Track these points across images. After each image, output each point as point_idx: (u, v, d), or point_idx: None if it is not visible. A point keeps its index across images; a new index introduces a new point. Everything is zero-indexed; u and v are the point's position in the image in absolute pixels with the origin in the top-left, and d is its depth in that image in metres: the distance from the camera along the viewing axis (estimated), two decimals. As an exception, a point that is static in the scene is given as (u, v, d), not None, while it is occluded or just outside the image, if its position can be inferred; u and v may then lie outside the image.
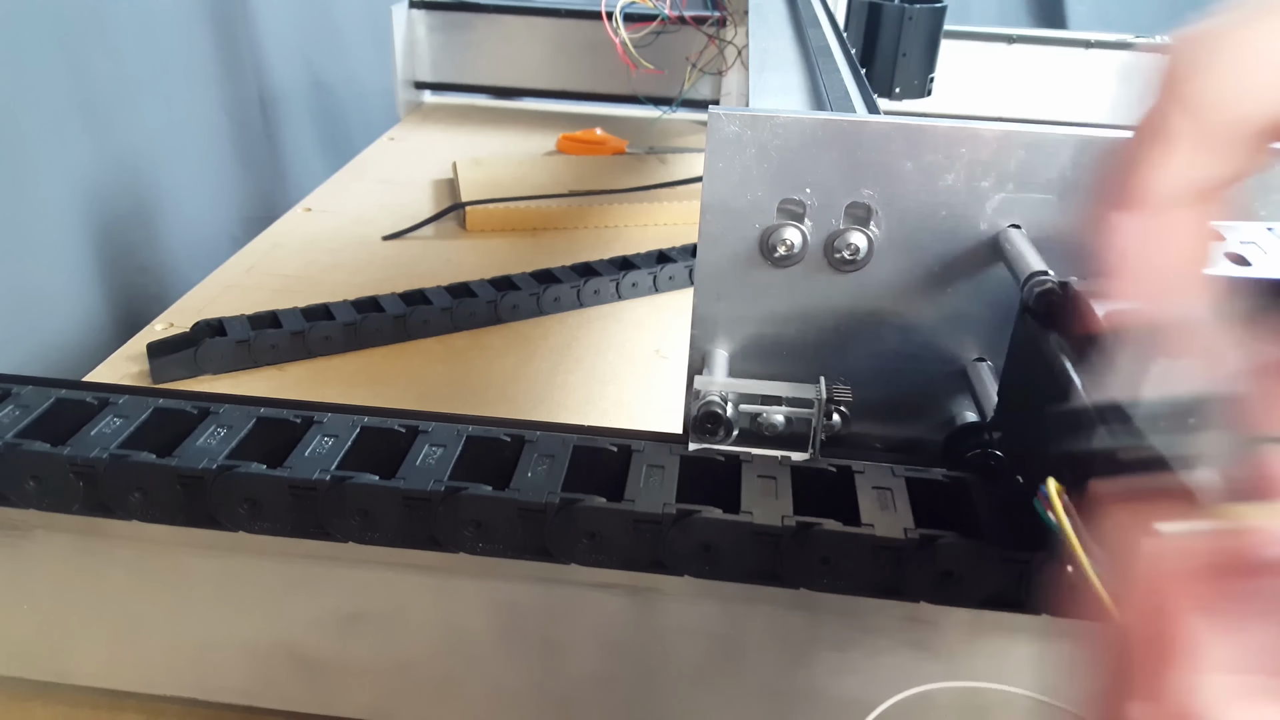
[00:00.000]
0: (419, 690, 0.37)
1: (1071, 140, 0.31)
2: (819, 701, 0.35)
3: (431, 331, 0.64)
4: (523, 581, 0.34)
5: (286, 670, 0.38)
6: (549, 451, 0.33)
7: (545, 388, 0.59)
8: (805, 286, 0.34)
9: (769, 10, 0.62)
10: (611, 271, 0.70)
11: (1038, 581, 0.29)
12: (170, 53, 0.97)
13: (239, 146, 1.09)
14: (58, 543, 0.36)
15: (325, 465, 0.32)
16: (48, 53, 0.79)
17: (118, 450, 0.33)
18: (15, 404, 0.35)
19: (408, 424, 0.34)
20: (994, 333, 0.34)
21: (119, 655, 0.38)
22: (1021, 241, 0.32)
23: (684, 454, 0.33)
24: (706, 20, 0.93)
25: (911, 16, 0.77)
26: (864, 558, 0.30)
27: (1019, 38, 1.09)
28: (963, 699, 0.34)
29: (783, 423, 0.34)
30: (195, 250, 0.97)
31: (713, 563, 0.31)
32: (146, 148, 0.92)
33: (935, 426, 0.36)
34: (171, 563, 0.36)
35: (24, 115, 0.77)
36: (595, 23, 1.04)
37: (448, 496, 0.31)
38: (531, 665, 0.36)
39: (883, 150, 0.32)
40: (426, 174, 0.94)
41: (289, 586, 0.36)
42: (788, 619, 0.34)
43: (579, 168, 0.96)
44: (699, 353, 0.36)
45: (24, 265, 0.79)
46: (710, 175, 0.32)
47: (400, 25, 1.09)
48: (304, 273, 0.73)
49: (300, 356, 0.60)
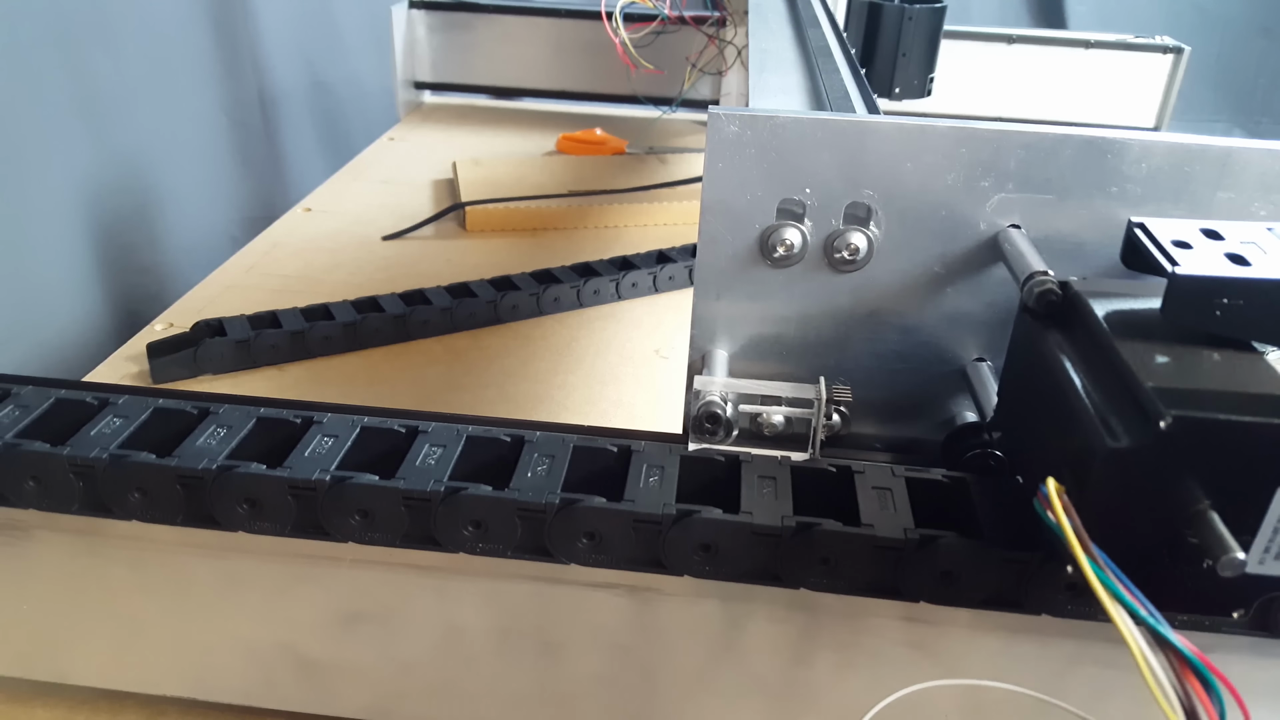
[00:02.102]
0: (419, 690, 0.37)
1: (1071, 140, 0.31)
2: (819, 701, 0.35)
3: (431, 331, 0.64)
4: (523, 581, 0.34)
5: (286, 670, 0.38)
6: (549, 451, 0.33)
7: (545, 388, 0.59)
8: (805, 286, 0.34)
9: (769, 10, 0.62)
10: (611, 271, 0.70)
11: (1037, 581, 0.30)
12: (170, 53, 0.97)
13: (239, 146, 1.09)
14: (58, 543, 0.36)
15: (325, 465, 0.32)
16: (48, 53, 0.79)
17: (117, 450, 0.33)
18: (15, 404, 0.35)
19: (408, 424, 0.34)
20: (994, 333, 0.34)
21: (119, 655, 0.38)
22: (1021, 241, 0.32)
23: (684, 454, 0.33)
24: (706, 20, 0.93)
25: (911, 16, 0.77)
26: (864, 558, 0.30)
27: (1019, 38, 1.09)
28: (963, 699, 0.34)
29: (783, 423, 0.34)
30: (195, 250, 0.97)
31: (713, 563, 0.31)
32: (146, 148, 0.92)
33: (935, 426, 0.36)
34: (171, 563, 0.36)
35: (24, 115, 0.77)
36: (595, 23, 1.04)
37: (448, 496, 0.31)
38: (531, 665, 0.36)
39: (883, 150, 0.32)
40: (426, 174, 0.94)
41: (289, 586, 0.36)
42: (788, 619, 0.34)
43: (579, 168, 0.96)
44: (699, 353, 0.36)
45: (24, 265, 0.79)
46: (710, 175, 0.32)
47: (400, 25, 1.09)
48: (304, 273, 0.73)
49: (300, 356, 0.60)
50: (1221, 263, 0.25)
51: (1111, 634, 0.22)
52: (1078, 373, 0.26)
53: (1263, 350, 0.25)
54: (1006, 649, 0.33)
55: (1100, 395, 0.25)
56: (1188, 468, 0.23)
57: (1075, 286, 0.28)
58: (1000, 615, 0.31)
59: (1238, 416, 0.22)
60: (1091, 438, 0.24)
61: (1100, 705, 0.33)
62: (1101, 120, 1.09)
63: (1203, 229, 0.27)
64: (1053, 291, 0.28)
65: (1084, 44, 1.08)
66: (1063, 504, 0.24)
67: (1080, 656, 0.33)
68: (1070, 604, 0.30)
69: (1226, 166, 0.31)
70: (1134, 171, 0.31)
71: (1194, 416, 0.22)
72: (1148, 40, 1.09)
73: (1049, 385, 0.27)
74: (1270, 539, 0.23)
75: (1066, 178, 0.32)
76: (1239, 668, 0.23)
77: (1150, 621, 0.22)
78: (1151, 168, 0.31)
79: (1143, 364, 0.24)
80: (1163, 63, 1.08)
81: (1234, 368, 0.24)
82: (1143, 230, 0.27)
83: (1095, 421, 0.24)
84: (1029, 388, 0.30)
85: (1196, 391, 0.23)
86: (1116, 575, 0.23)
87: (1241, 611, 0.25)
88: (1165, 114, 1.09)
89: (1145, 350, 0.25)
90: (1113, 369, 0.25)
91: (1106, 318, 0.27)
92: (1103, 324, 0.26)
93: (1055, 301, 0.28)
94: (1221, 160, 0.31)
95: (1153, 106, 1.09)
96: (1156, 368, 0.24)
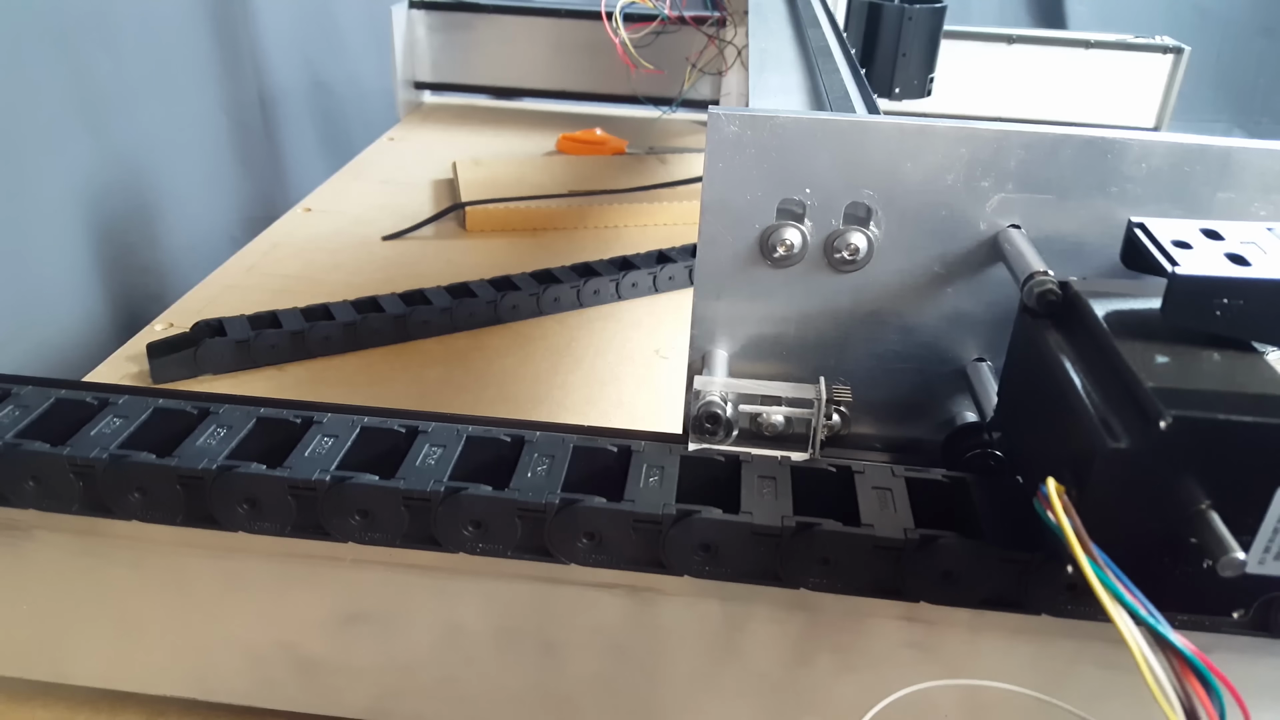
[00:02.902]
0: (419, 690, 0.37)
1: (1071, 140, 0.31)
2: (819, 701, 0.35)
3: (431, 332, 0.64)
4: (523, 581, 0.34)
5: (286, 670, 0.38)
6: (549, 451, 0.33)
7: (545, 388, 0.59)
8: (805, 286, 0.34)
9: (769, 10, 0.62)
10: (611, 271, 0.70)
11: (1037, 581, 0.29)
12: (170, 53, 0.97)
13: (239, 146, 1.09)
14: (58, 543, 0.36)
15: (325, 465, 0.32)
16: (48, 53, 0.79)
17: (117, 450, 0.33)
18: (15, 404, 0.35)
19: (408, 424, 0.34)
20: (994, 333, 0.34)
21: (119, 655, 0.38)
22: (1021, 241, 0.32)
23: (684, 454, 0.33)
24: (706, 20, 0.93)
25: (911, 16, 0.77)
26: (864, 558, 0.30)
27: (1019, 38, 1.09)
28: (963, 699, 0.34)
29: (783, 423, 0.34)
30: (195, 250, 0.97)
31: (713, 563, 0.31)
32: (146, 148, 0.92)
33: (935, 426, 0.36)
34: (171, 563, 0.36)
35: (24, 115, 0.77)
36: (595, 23, 1.04)
37: (448, 496, 0.31)
38: (531, 665, 0.36)
39: (883, 150, 0.32)
40: (426, 174, 0.94)
41: (289, 586, 0.36)
42: (788, 619, 0.34)
43: (579, 168, 0.96)
44: (699, 353, 0.36)
45: (24, 265, 0.79)
46: (710, 175, 0.32)
47: (400, 25, 1.09)
48: (304, 273, 0.73)
49: (300, 356, 0.60)
50: (1221, 263, 0.25)
51: (1111, 634, 0.22)
52: (1078, 373, 0.26)
53: (1263, 350, 0.25)
54: (1006, 649, 0.33)
55: (1100, 395, 0.25)
56: (1188, 468, 0.23)
57: (1075, 286, 0.28)
58: (1000, 615, 0.31)
59: (1238, 416, 0.22)
60: (1092, 438, 0.24)
61: (1100, 705, 0.33)
62: (1101, 120, 1.09)
63: (1203, 229, 0.27)
64: (1053, 291, 0.28)
65: (1084, 44, 1.08)
66: (1063, 504, 0.24)
67: (1080, 656, 0.33)
68: (1070, 604, 0.30)
69: (1226, 166, 0.31)
70: (1134, 171, 0.31)
71: (1194, 416, 0.22)
72: (1148, 40, 1.09)
73: (1049, 385, 0.27)
74: (1270, 539, 0.23)
75: (1066, 178, 0.32)
76: (1239, 668, 0.23)
77: (1150, 621, 0.22)
78: (1151, 168, 0.31)
79: (1143, 364, 0.24)
80: (1163, 63, 1.08)
81: (1234, 368, 0.24)
82: (1143, 230, 0.27)
83: (1095, 421, 0.24)
84: (1029, 388, 0.30)
85: (1196, 391, 0.23)
86: (1116, 575, 0.23)
87: (1241, 611, 0.25)
88: (1165, 114, 1.09)
89: (1145, 350, 0.25)
90: (1113, 369, 0.25)
91: (1106, 318, 0.27)
92: (1103, 324, 0.26)
93: (1055, 301, 0.28)
94: (1221, 160, 0.31)
95: (1153, 106, 1.09)
96: (1156, 368, 0.24)
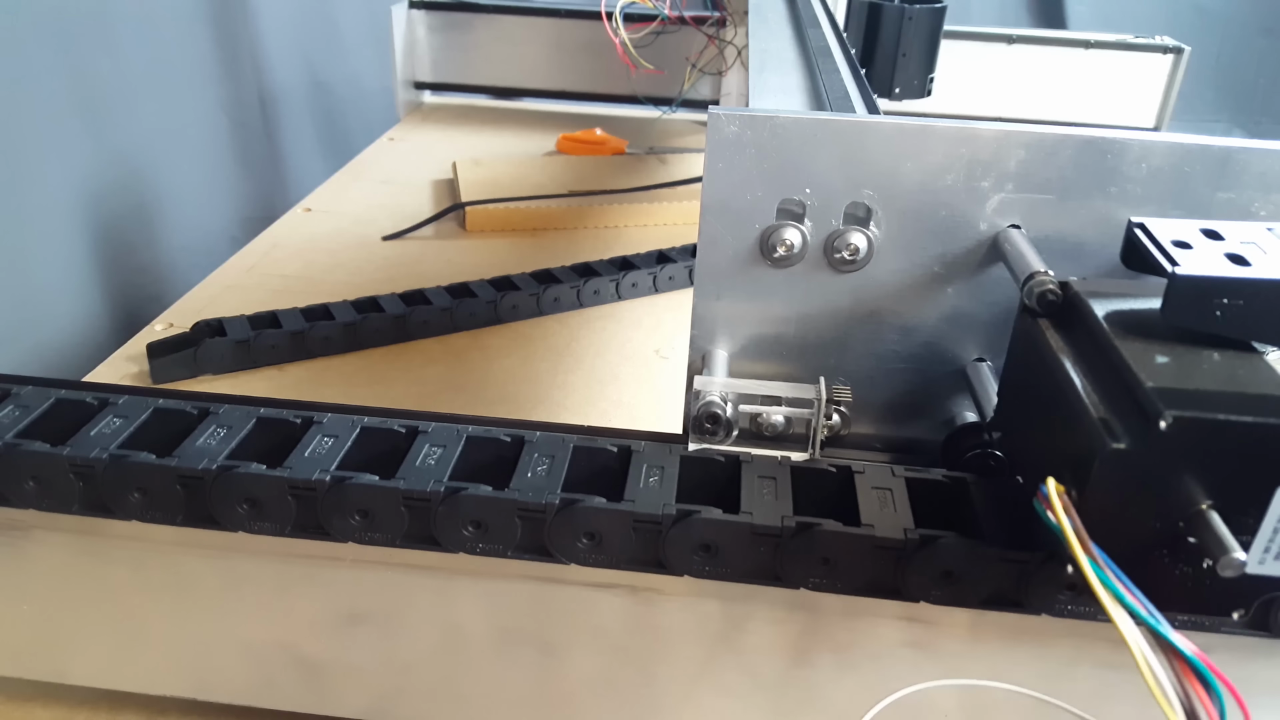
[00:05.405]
0: (419, 690, 0.37)
1: (1071, 140, 0.31)
2: (819, 701, 0.35)
3: (431, 332, 0.64)
4: (523, 581, 0.34)
5: (287, 670, 0.38)
6: (549, 451, 0.33)
7: (545, 388, 0.59)
8: (805, 287, 0.34)
9: (769, 10, 0.62)
10: (611, 272, 0.70)
11: (1037, 581, 0.29)
12: (170, 52, 0.97)
13: (239, 146, 1.09)
14: (58, 543, 0.36)
15: (325, 465, 0.32)
16: (48, 53, 0.79)
17: (117, 450, 0.33)
18: (15, 404, 0.35)
19: (408, 424, 0.34)
20: (994, 333, 0.34)
21: (119, 655, 0.38)
22: (1021, 241, 0.32)
23: (684, 454, 0.33)
24: (706, 20, 0.93)
25: (911, 16, 0.77)
26: (864, 558, 0.30)
27: (1019, 38, 1.09)
28: (963, 699, 0.34)
29: (783, 423, 0.34)
30: (195, 250, 0.97)
31: (713, 563, 0.31)
32: (146, 148, 0.92)
33: (935, 426, 0.36)
34: (171, 563, 0.36)
35: (24, 114, 0.77)
36: (595, 23, 1.04)
37: (448, 496, 0.31)
38: (531, 665, 0.36)
39: (883, 150, 0.32)
40: (426, 174, 0.94)
41: (289, 586, 0.36)
42: (788, 619, 0.34)
43: (579, 168, 0.96)
44: (699, 353, 0.36)
45: (24, 265, 0.79)
46: (710, 175, 0.32)
47: (400, 25, 1.09)
48: (304, 273, 0.73)
49: (300, 357, 0.60)
50: (1221, 263, 0.25)
51: (1111, 634, 0.22)
52: (1078, 373, 0.26)
53: (1263, 350, 0.25)
54: (1006, 649, 0.33)
55: (1100, 395, 0.25)
56: (1188, 468, 0.23)
57: (1075, 286, 0.28)
58: (1000, 615, 0.31)
59: (1238, 416, 0.22)
60: (1092, 438, 0.24)
61: (1100, 705, 0.33)
62: (1101, 120, 1.09)
63: (1203, 229, 0.27)
64: (1053, 291, 0.28)
65: (1084, 44, 1.08)
66: (1063, 504, 0.24)
67: (1080, 657, 0.33)
68: (1070, 604, 0.30)
69: (1226, 166, 0.31)
70: (1134, 171, 0.31)
71: (1194, 416, 0.22)
72: (1148, 40, 1.09)
73: (1049, 385, 0.27)
74: (1270, 539, 0.23)
75: (1066, 178, 0.32)
76: (1239, 668, 0.23)
77: (1150, 621, 0.22)
78: (1151, 168, 0.31)
79: (1143, 364, 0.24)
80: (1163, 63, 1.08)
81: (1234, 368, 0.24)
82: (1143, 230, 0.27)
83: (1095, 421, 0.24)
84: (1029, 388, 0.30)
85: (1196, 391, 0.23)
86: (1116, 575, 0.23)
87: (1241, 611, 0.25)
88: (1165, 114, 1.09)
89: (1145, 350, 0.25)
90: (1113, 369, 0.25)
91: (1106, 318, 0.27)
92: (1103, 324, 0.26)
93: (1055, 301, 0.28)
94: (1221, 160, 0.31)
95: (1153, 106, 1.09)
96: (1156, 368, 0.24)
